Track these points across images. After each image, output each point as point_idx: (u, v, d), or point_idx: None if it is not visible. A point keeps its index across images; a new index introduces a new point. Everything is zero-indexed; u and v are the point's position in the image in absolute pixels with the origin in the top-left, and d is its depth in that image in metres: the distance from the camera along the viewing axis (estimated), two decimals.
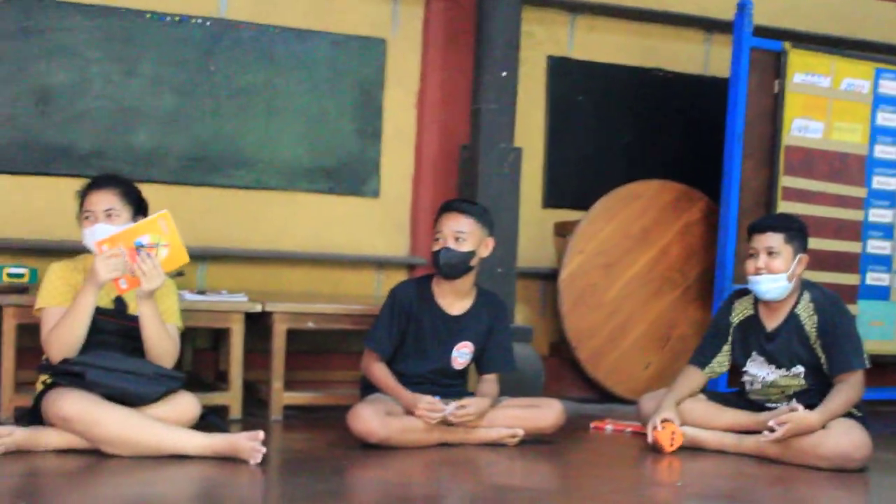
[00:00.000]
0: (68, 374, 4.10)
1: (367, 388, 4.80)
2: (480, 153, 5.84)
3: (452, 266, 4.69)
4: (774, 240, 4.71)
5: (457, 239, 4.67)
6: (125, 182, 4.46)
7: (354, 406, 4.53)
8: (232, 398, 5.09)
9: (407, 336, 4.76)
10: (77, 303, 4.16)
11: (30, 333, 4.65)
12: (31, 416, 4.24)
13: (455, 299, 4.82)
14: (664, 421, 4.69)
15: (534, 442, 4.72)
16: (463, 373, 4.87)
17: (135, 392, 4.14)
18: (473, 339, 4.81)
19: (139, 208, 4.44)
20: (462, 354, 4.79)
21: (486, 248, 4.79)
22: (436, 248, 4.71)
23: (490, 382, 4.83)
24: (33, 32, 5.59)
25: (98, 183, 4.39)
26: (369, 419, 4.42)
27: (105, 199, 4.32)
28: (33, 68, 5.60)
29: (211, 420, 4.36)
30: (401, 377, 4.69)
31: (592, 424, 5.36)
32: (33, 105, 5.59)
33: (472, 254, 4.71)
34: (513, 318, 5.78)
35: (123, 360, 4.20)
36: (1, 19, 5.53)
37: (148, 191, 4.58)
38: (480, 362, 4.87)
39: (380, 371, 4.71)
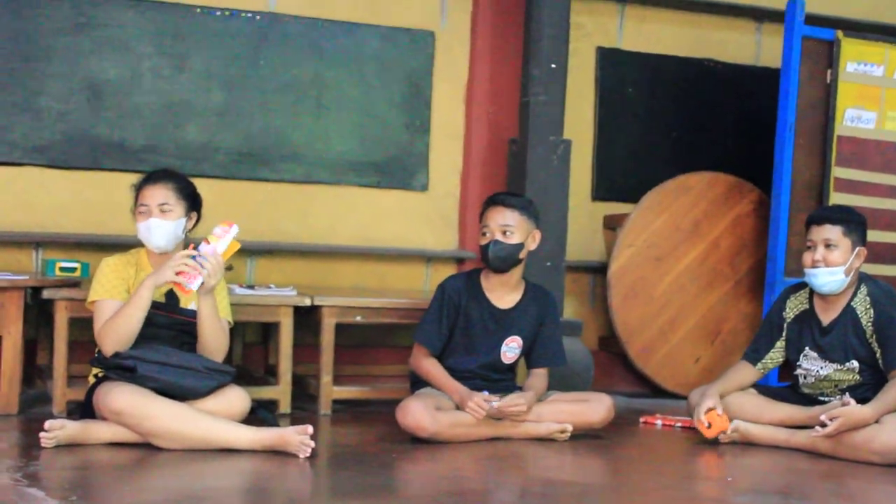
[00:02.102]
0: (120, 368, 4.14)
1: (417, 381, 4.80)
2: (529, 146, 5.81)
3: (501, 259, 4.68)
4: (833, 232, 4.65)
5: (504, 232, 4.66)
6: (180, 177, 4.50)
7: (404, 400, 4.54)
8: (281, 392, 5.11)
9: (455, 330, 4.76)
10: (134, 297, 4.20)
11: (81, 327, 4.70)
12: (84, 409, 4.30)
13: (504, 293, 4.81)
14: (708, 410, 4.67)
15: (583, 436, 4.71)
16: (512, 367, 4.86)
17: (186, 386, 4.17)
18: (522, 333, 4.80)
19: (194, 203, 4.47)
20: (511, 349, 4.78)
21: (534, 240, 4.78)
22: (483, 242, 4.70)
23: (539, 377, 4.81)
24: (86, 28, 5.64)
25: (153, 178, 4.43)
26: (419, 414, 4.42)
27: (160, 194, 4.36)
28: (86, 64, 5.64)
29: (261, 414, 4.38)
30: (450, 372, 4.68)
31: (642, 419, 5.34)
32: (86, 100, 5.64)
33: (520, 246, 4.70)
34: (562, 312, 5.75)
35: (175, 354, 4.24)
36: (54, 15, 5.58)
37: (198, 185, 4.61)
38: (530, 356, 4.86)
39: (430, 366, 4.71)
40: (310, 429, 4.08)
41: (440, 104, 6.30)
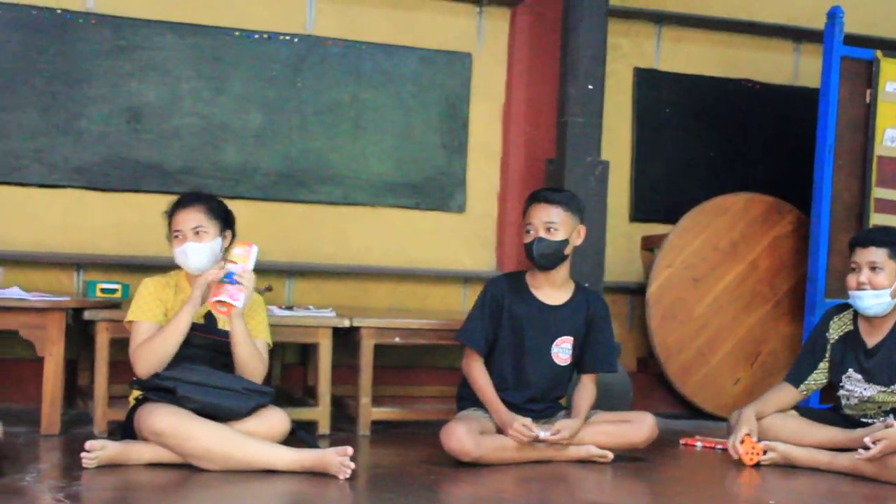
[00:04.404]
0: (160, 390, 4.15)
1: (464, 398, 4.76)
2: (566, 167, 5.80)
3: (547, 256, 4.63)
4: (878, 255, 4.61)
5: (548, 229, 4.62)
6: (210, 197, 4.50)
7: (448, 424, 4.48)
8: (320, 413, 5.11)
9: (502, 330, 4.68)
10: (173, 322, 4.21)
11: (122, 348, 4.70)
12: (124, 429, 4.30)
13: (552, 290, 4.74)
14: (744, 436, 4.63)
15: (624, 458, 4.68)
16: (563, 386, 4.82)
17: (225, 407, 4.16)
18: (573, 332, 4.72)
19: (226, 223, 4.47)
20: (563, 349, 4.71)
21: (579, 235, 4.71)
22: (527, 240, 4.65)
23: (587, 388, 4.73)
24: (126, 51, 5.69)
25: (184, 202, 4.43)
26: (464, 438, 4.37)
27: (192, 218, 4.36)
28: (125, 86, 5.69)
29: (300, 435, 4.37)
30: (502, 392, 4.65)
31: (682, 441, 5.30)
32: (125, 123, 5.69)
33: (565, 242, 4.64)
34: None
35: (213, 374, 4.23)
36: (95, 39, 5.64)
37: (237, 207, 4.63)
38: (581, 361, 4.79)
39: (479, 374, 4.64)
40: (350, 450, 4.06)
41: (477, 125, 6.31)
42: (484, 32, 6.35)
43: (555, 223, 4.61)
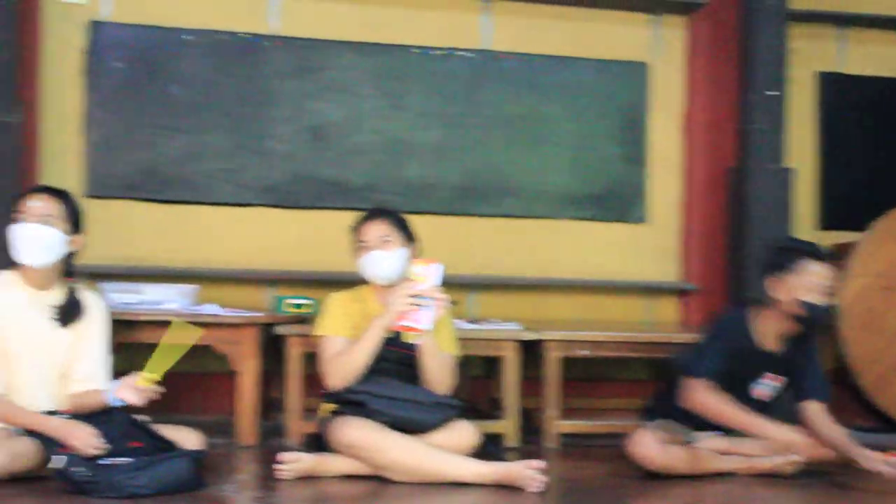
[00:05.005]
0: (350, 403, 4.21)
1: (652, 411, 4.71)
2: (749, 175, 5.71)
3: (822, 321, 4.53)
4: None
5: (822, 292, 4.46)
6: (395, 213, 4.58)
7: (635, 431, 4.45)
8: (507, 426, 5.12)
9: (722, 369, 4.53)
10: (365, 338, 4.28)
11: (313, 362, 4.80)
12: (318, 441, 4.37)
13: (773, 338, 4.59)
14: None
15: (813, 473, 4.54)
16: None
17: (415, 420, 4.20)
18: (783, 372, 4.61)
19: (410, 235, 4.53)
20: (766, 386, 4.61)
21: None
22: (815, 300, 4.47)
23: (822, 414, 4.62)
24: (309, 72, 5.83)
25: (371, 215, 4.52)
26: (650, 445, 4.34)
27: (379, 229, 4.44)
28: (309, 106, 5.83)
29: (489, 449, 4.38)
30: None
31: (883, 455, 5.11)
32: (310, 141, 5.82)
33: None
34: None
35: (403, 388, 4.28)
36: (280, 60, 5.79)
37: (419, 222, 4.66)
38: (800, 390, 4.64)
39: (720, 401, 4.43)
40: (541, 464, 4.05)
41: (656, 135, 6.25)
42: (661, 41, 6.29)
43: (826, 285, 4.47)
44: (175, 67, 5.70)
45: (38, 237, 4.03)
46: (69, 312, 4.16)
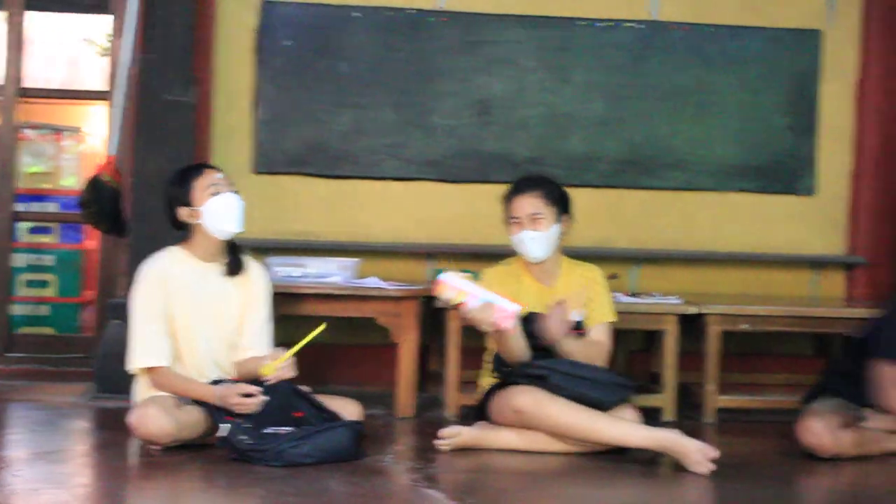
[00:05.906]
0: (532, 377, 4.26)
1: (823, 389, 4.58)
2: None
3: None
4: None
5: None
6: (547, 181, 4.56)
7: (804, 418, 4.33)
8: (665, 400, 5.13)
9: None
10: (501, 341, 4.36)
11: (471, 334, 4.86)
12: (478, 413, 4.45)
13: None
14: None
15: None
16: None
17: (594, 398, 4.23)
18: None
19: (564, 206, 4.52)
20: None
21: None
22: None
23: None
24: (475, 46, 5.89)
25: (521, 187, 4.52)
26: (821, 433, 4.24)
27: (530, 204, 4.44)
28: (474, 80, 5.89)
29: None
30: None
31: None
32: (475, 115, 5.89)
33: None
34: None
35: (580, 366, 4.31)
36: (445, 35, 5.87)
37: (582, 194, 4.71)
38: None
39: None
40: (716, 453, 3.98)
41: (827, 105, 6.09)
42: (835, 8, 6.11)
43: None
44: (343, 44, 5.83)
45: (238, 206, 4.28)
46: (236, 265, 4.35)
